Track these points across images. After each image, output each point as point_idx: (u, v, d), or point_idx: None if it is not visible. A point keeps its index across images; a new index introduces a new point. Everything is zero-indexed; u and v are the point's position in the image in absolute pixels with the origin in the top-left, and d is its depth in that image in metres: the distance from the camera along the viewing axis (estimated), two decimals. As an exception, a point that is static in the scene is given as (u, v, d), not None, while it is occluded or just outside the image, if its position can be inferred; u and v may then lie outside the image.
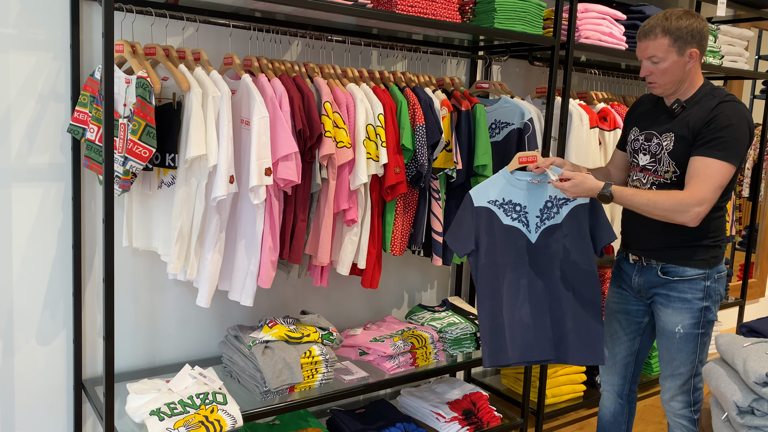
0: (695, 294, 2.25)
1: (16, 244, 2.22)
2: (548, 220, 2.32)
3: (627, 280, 2.43)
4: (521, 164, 2.29)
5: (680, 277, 2.26)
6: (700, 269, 2.25)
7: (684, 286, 2.26)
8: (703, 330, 2.29)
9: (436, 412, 2.81)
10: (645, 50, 2.17)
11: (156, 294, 2.50)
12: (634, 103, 2.48)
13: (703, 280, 2.25)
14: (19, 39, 2.14)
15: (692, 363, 2.31)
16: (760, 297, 5.20)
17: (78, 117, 2.14)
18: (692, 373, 2.33)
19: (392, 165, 2.43)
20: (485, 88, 3.00)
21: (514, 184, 2.32)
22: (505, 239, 2.31)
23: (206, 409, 2.12)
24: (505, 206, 2.31)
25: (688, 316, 2.26)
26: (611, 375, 2.55)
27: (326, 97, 2.30)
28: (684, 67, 2.17)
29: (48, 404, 2.35)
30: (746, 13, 3.67)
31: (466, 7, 2.75)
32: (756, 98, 4.95)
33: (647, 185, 2.28)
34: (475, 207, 2.31)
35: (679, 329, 2.28)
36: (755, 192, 4.09)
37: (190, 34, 2.42)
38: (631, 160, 2.39)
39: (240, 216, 2.26)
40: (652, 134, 2.28)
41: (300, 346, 2.38)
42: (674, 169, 2.20)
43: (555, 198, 2.31)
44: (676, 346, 2.30)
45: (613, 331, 2.51)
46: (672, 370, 2.34)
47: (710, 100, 2.16)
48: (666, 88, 2.21)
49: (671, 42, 2.12)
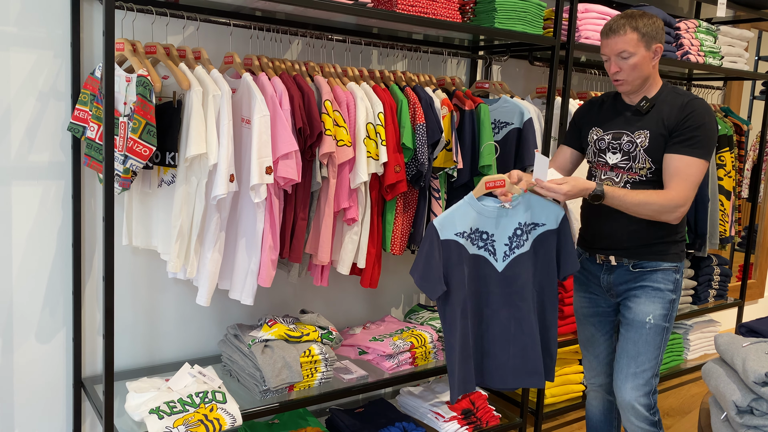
0: (667, 285, 2.28)
1: (16, 242, 2.22)
2: (517, 248, 2.23)
3: (594, 280, 2.43)
4: (488, 189, 2.17)
5: (653, 268, 2.29)
6: (672, 262, 2.29)
7: (657, 276, 2.28)
8: (668, 324, 2.30)
9: (435, 411, 2.81)
10: (614, 46, 2.21)
11: (156, 292, 2.50)
12: (584, 106, 2.51)
13: (674, 272, 2.29)
14: (20, 37, 2.14)
15: (656, 360, 2.31)
16: (760, 298, 5.20)
17: (78, 115, 2.14)
18: (654, 372, 2.32)
19: (392, 164, 2.43)
20: (485, 87, 3.00)
21: (481, 212, 2.19)
22: (470, 268, 2.21)
23: (205, 408, 2.12)
24: (472, 236, 2.20)
25: (660, 306, 2.28)
26: (598, 375, 2.55)
27: (326, 96, 2.30)
28: (650, 62, 2.23)
29: (47, 402, 2.35)
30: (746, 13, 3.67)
31: (466, 7, 2.75)
32: (756, 99, 4.95)
33: (620, 183, 2.29)
34: (441, 240, 2.15)
35: (650, 319, 2.28)
36: (755, 193, 4.10)
37: (191, 33, 2.42)
38: (594, 160, 2.39)
39: (240, 215, 2.26)
40: (622, 133, 2.29)
41: (299, 345, 2.38)
42: (650, 166, 2.23)
43: (525, 224, 2.22)
44: (644, 338, 2.29)
45: (590, 335, 2.51)
46: (636, 367, 2.30)
47: (677, 97, 2.23)
48: (634, 85, 2.25)
49: (639, 37, 2.18)
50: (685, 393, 3.88)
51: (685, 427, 3.44)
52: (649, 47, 2.21)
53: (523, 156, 2.75)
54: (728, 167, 3.67)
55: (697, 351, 4.12)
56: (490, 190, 2.17)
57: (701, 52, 3.45)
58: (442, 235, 2.15)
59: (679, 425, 3.45)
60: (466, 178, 2.65)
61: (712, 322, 4.21)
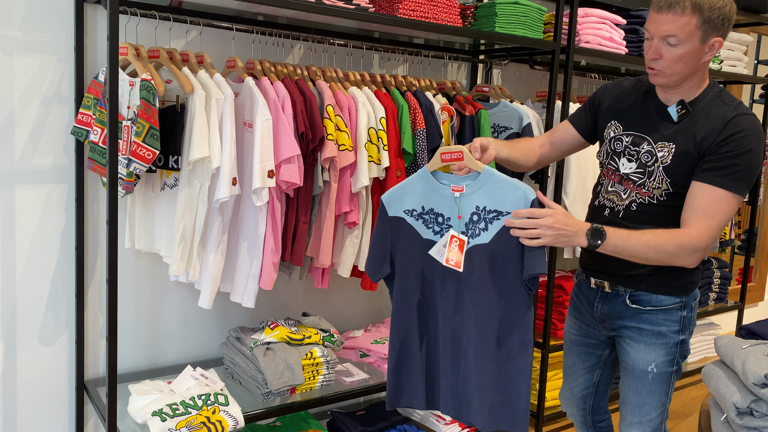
0: (671, 326, 1.89)
1: (20, 245, 2.24)
2: (473, 238, 1.76)
3: (587, 307, 2.06)
4: (444, 162, 1.77)
5: (653, 306, 1.89)
6: (677, 297, 1.88)
7: (658, 317, 1.90)
8: (677, 367, 1.95)
9: (436, 414, 2.82)
10: (663, 25, 1.71)
11: (158, 295, 2.51)
12: (610, 87, 2.02)
13: (679, 310, 1.89)
14: (24, 41, 2.16)
15: (663, 406, 1.97)
16: (760, 301, 5.21)
17: (82, 119, 2.15)
18: (663, 417, 2.00)
19: (393, 168, 2.45)
20: (485, 91, 3.01)
21: (435, 189, 1.79)
22: (422, 258, 1.82)
23: (208, 410, 2.13)
24: (425, 216, 1.81)
25: (663, 353, 1.91)
26: (571, 407, 2.27)
27: (328, 101, 2.32)
28: (701, 58, 1.77)
29: (50, 405, 2.36)
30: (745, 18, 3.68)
31: (467, 12, 2.77)
32: (755, 102, 4.97)
33: (625, 202, 1.89)
34: (390, 217, 1.83)
35: (652, 368, 1.91)
36: (754, 196, 4.11)
37: (194, 38, 2.44)
38: (605, 162, 1.97)
39: (242, 218, 2.27)
40: (643, 138, 1.87)
41: (301, 348, 2.39)
42: (666, 187, 1.81)
43: (484, 210, 1.74)
44: (648, 389, 1.94)
45: (571, 363, 2.19)
46: (641, 416, 1.97)
47: (720, 107, 1.78)
48: (672, 80, 1.79)
49: (699, 23, 1.70)
50: (686, 396, 3.89)
51: (686, 430, 3.44)
52: (706, 39, 1.73)
53: (523, 160, 2.76)
54: (728, 171, 3.68)
55: (697, 354, 4.13)
56: (446, 163, 1.77)
57: (701, 56, 3.46)
58: (390, 211, 1.83)
59: (679, 428, 3.46)
60: (467, 182, 2.66)
61: (713, 325, 4.22)
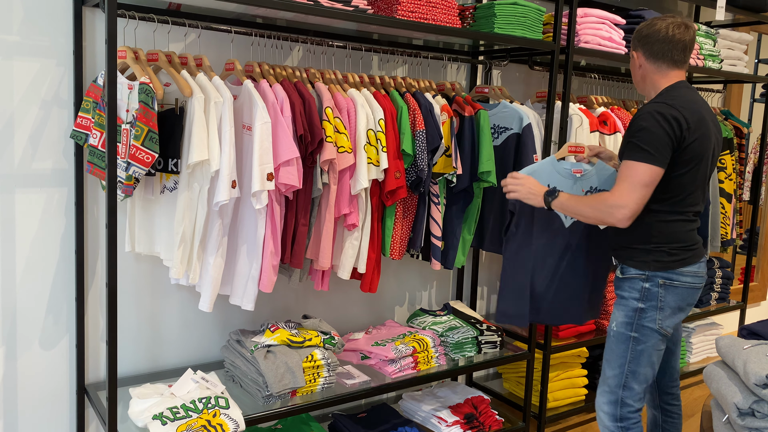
0: (631, 293, 2.25)
1: (20, 249, 2.24)
2: None
3: None
4: (570, 153, 2.47)
5: (622, 275, 2.30)
6: (640, 270, 2.24)
7: (624, 284, 2.28)
8: (637, 334, 2.23)
9: (437, 416, 2.81)
10: None
11: (158, 299, 2.51)
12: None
13: (641, 281, 2.23)
14: (23, 45, 2.16)
15: (620, 369, 2.25)
16: (762, 300, 5.20)
17: (81, 123, 2.15)
18: (620, 383, 2.26)
19: (393, 170, 2.44)
20: (485, 92, 3.01)
21: (559, 172, 2.48)
22: (542, 220, 2.49)
23: (209, 414, 2.13)
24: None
25: (622, 315, 2.26)
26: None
27: (327, 103, 2.31)
28: (637, 69, 2.30)
29: (51, 409, 2.36)
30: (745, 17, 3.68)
31: (466, 13, 2.77)
32: (756, 102, 4.96)
33: None
34: None
35: (613, 327, 2.29)
36: (756, 195, 4.10)
37: (192, 40, 2.44)
38: None
39: (242, 220, 2.27)
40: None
41: (302, 351, 2.38)
42: None
43: (594, 189, 2.48)
44: (610, 345, 2.29)
45: None
46: (604, 374, 2.31)
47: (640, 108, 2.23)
48: (638, 89, 2.34)
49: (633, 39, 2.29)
50: (688, 396, 3.88)
51: (688, 430, 3.43)
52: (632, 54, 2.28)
53: (521, 161, 2.76)
54: (729, 170, 3.68)
55: (699, 354, 4.12)
56: (571, 153, 2.49)
57: (701, 56, 3.46)
58: None
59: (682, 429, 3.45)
60: (466, 184, 2.66)
61: (714, 324, 4.21)
